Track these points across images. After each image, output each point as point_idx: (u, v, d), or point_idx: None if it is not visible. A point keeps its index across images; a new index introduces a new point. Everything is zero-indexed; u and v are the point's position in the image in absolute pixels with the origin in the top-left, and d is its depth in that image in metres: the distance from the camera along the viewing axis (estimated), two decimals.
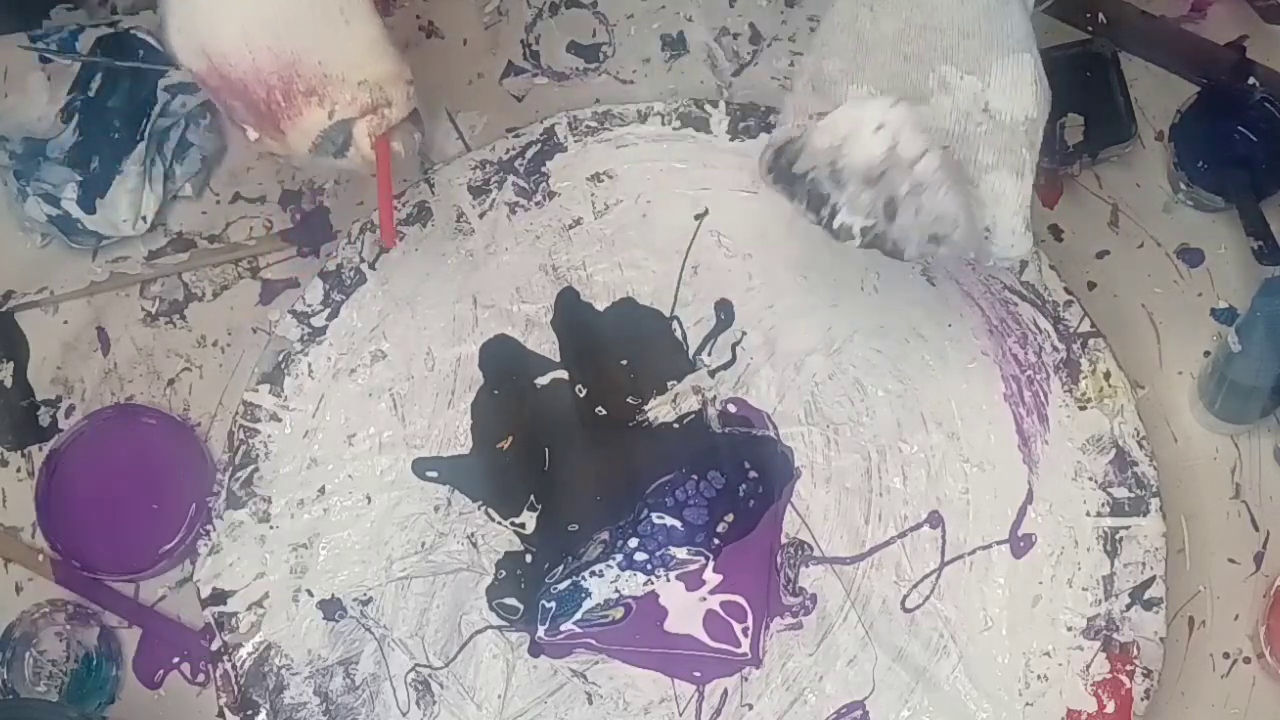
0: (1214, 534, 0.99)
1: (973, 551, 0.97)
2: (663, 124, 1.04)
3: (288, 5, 0.84)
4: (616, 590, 0.98)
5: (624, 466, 1.00)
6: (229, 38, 0.83)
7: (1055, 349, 0.99)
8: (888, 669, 0.96)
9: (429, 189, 1.05)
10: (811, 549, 0.98)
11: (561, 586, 0.99)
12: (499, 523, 1.00)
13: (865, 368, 1.00)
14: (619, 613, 0.98)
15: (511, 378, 1.02)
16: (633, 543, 0.99)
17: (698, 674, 0.97)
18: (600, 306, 1.03)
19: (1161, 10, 1.06)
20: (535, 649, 0.98)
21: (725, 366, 1.01)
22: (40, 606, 1.01)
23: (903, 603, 0.97)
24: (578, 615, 0.98)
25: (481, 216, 1.04)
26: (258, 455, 1.01)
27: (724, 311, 1.02)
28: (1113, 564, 0.96)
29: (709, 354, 1.02)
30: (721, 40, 1.09)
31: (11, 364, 1.06)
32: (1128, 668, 0.95)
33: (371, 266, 1.04)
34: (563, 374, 1.02)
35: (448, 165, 1.05)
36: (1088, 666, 0.95)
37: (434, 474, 1.01)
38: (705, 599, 0.98)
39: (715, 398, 1.01)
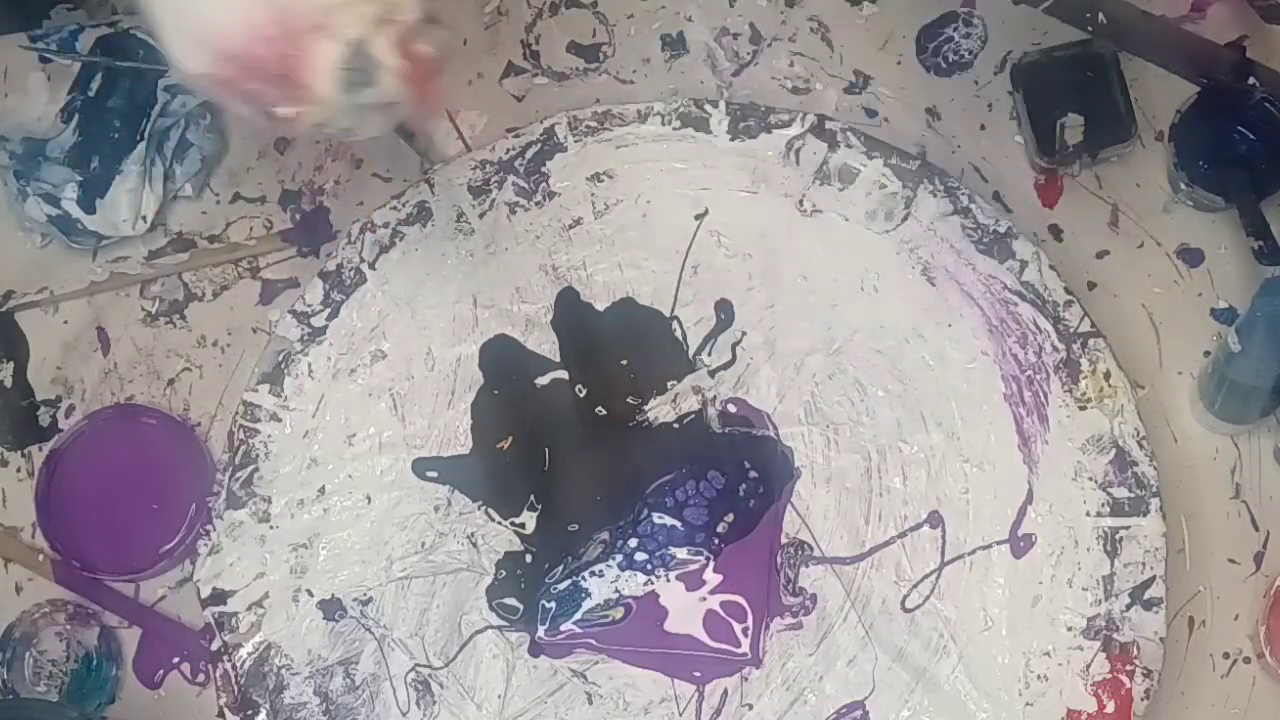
0: (1214, 534, 0.99)
1: (973, 551, 0.97)
2: (663, 124, 1.04)
3: None
4: (616, 590, 0.98)
5: (624, 466, 1.00)
6: (217, 11, 0.79)
7: (1055, 349, 0.99)
8: (888, 669, 0.96)
9: (429, 189, 1.05)
10: (811, 549, 0.98)
11: (561, 586, 0.99)
12: (499, 523, 1.00)
13: (865, 368, 1.00)
14: (619, 613, 0.98)
15: (511, 378, 1.02)
16: (633, 543, 0.99)
17: (698, 674, 0.97)
18: (600, 306, 1.03)
19: (1161, 10, 1.06)
20: (535, 649, 0.98)
21: (725, 366, 1.01)
22: (40, 606, 1.01)
23: (903, 603, 0.97)
24: (578, 615, 0.98)
25: (481, 216, 1.04)
26: (258, 455, 1.01)
27: (724, 311, 1.02)
28: (1113, 564, 0.96)
29: (709, 354, 1.02)
30: (721, 40, 1.09)
31: (11, 364, 1.06)
32: (1128, 668, 0.95)
33: (371, 266, 1.04)
34: (563, 374, 1.02)
35: (448, 165, 1.05)
36: (1088, 666, 0.95)
37: (434, 474, 1.01)
38: (705, 599, 0.98)
39: (715, 398, 1.01)
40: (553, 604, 0.98)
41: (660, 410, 1.01)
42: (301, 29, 0.80)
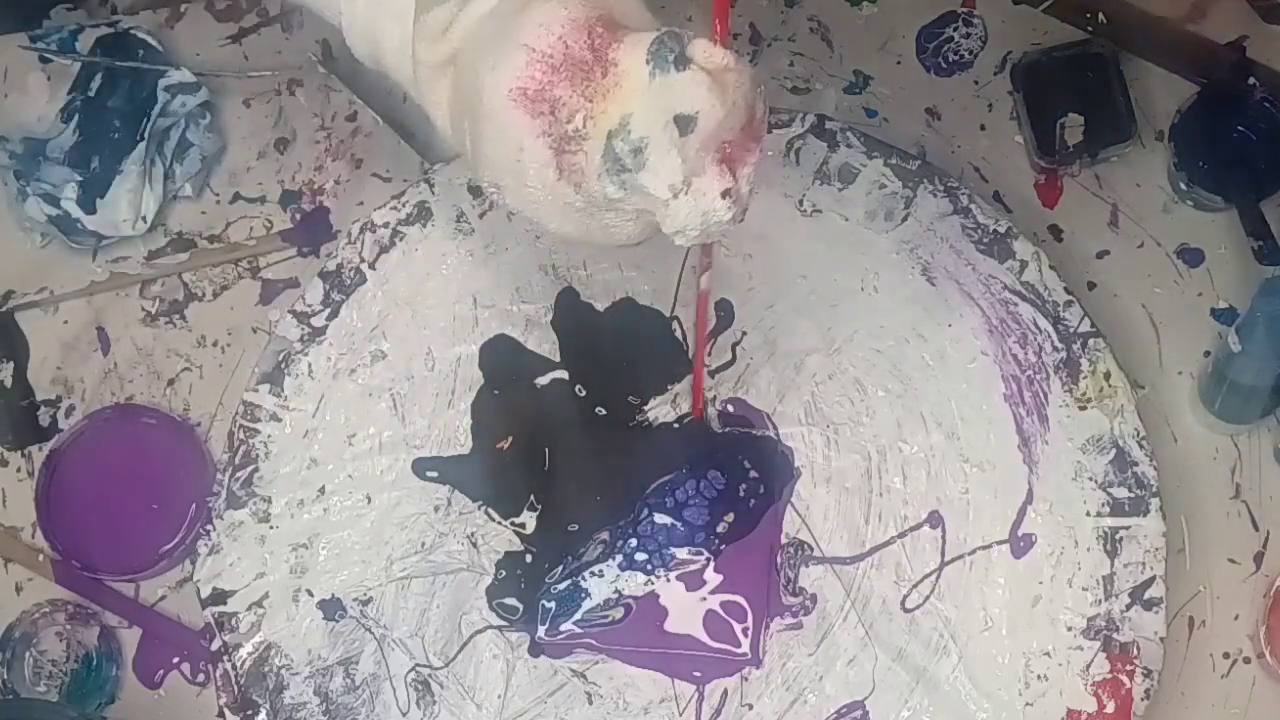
0: (1214, 534, 0.99)
1: (973, 551, 0.97)
2: None
3: None
4: (616, 590, 0.98)
5: (624, 466, 1.00)
6: (540, 11, 0.73)
7: (1055, 349, 0.99)
8: (888, 669, 0.96)
9: (429, 189, 1.05)
10: (811, 549, 0.98)
11: (561, 586, 0.99)
12: (499, 523, 1.00)
13: (865, 368, 1.00)
14: (619, 613, 0.98)
15: (511, 378, 1.02)
16: (633, 543, 0.99)
17: (698, 674, 0.97)
18: (600, 306, 1.03)
19: (1161, 10, 1.06)
20: (535, 649, 0.98)
21: (725, 366, 1.01)
22: (40, 606, 1.01)
23: (903, 603, 0.97)
24: (578, 615, 0.98)
25: (481, 216, 1.04)
26: (258, 455, 1.01)
27: (724, 311, 1.02)
28: (1113, 564, 0.96)
29: (709, 354, 1.02)
30: None
31: (11, 364, 1.06)
32: (1128, 668, 0.95)
33: (371, 266, 1.04)
34: (563, 374, 1.02)
35: (448, 165, 1.05)
36: (1088, 666, 0.95)
37: (434, 474, 1.01)
38: (705, 599, 0.98)
39: (715, 398, 1.01)
40: (553, 604, 0.98)
41: (660, 410, 1.01)
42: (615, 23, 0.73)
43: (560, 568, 0.99)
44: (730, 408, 1.01)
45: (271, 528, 1.00)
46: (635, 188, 0.72)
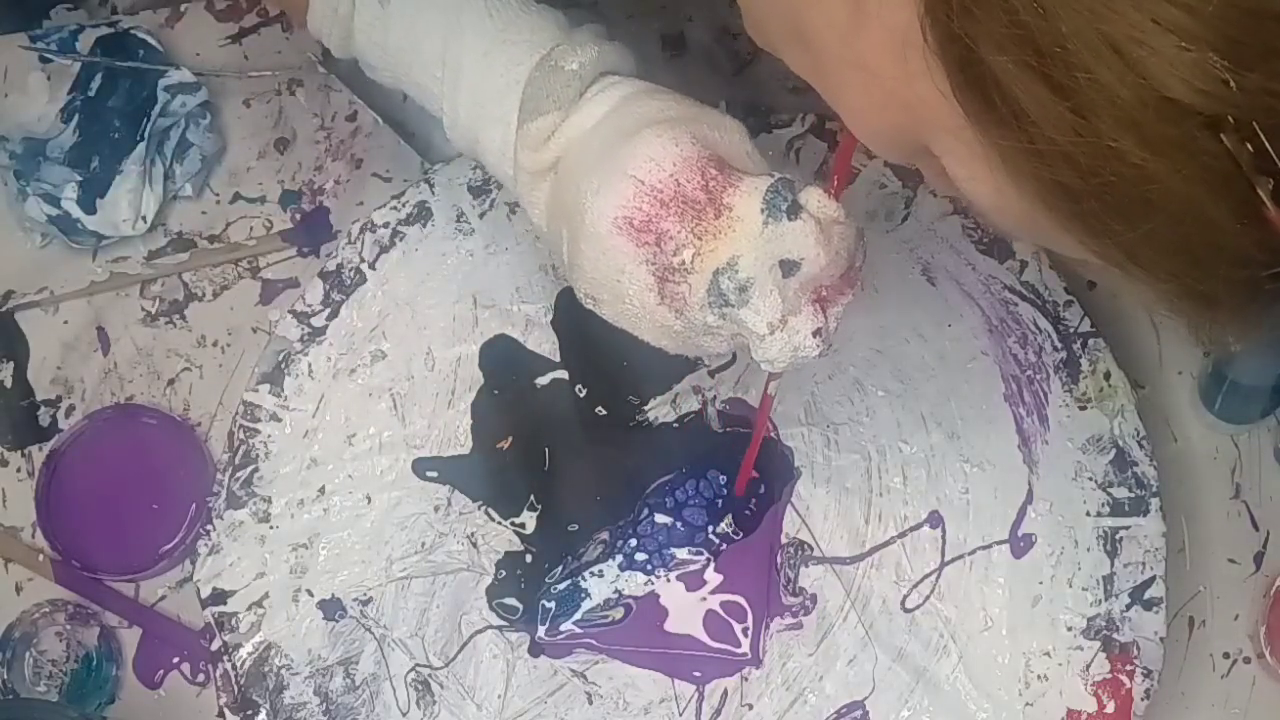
0: (1214, 534, 0.99)
1: (973, 551, 0.97)
2: None
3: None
4: (616, 590, 0.98)
5: (624, 466, 1.00)
6: (649, 147, 0.73)
7: (1055, 349, 0.99)
8: (888, 669, 0.96)
9: (429, 189, 1.05)
10: (811, 549, 0.98)
11: (561, 586, 0.99)
12: (499, 523, 1.00)
13: (865, 368, 1.00)
14: (619, 613, 0.98)
15: (511, 378, 1.02)
16: (633, 543, 0.99)
17: (698, 674, 0.97)
18: None
19: None
20: (535, 649, 0.98)
21: (725, 367, 1.01)
22: (40, 606, 1.01)
23: (903, 603, 0.97)
24: (578, 615, 0.98)
25: (481, 216, 1.04)
26: (258, 455, 1.01)
27: None
28: (1113, 564, 0.96)
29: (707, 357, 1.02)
30: (721, 40, 1.08)
31: (11, 364, 1.06)
32: (1128, 668, 0.95)
33: (371, 266, 1.04)
34: (563, 374, 1.02)
35: (448, 165, 1.05)
36: (1088, 666, 0.95)
37: (434, 474, 1.01)
38: (705, 599, 0.98)
39: (715, 398, 1.01)
40: (553, 604, 0.98)
41: (660, 410, 1.01)
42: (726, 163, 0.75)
43: (560, 568, 0.99)
44: (730, 408, 1.01)
45: (271, 528, 1.00)
46: (734, 320, 0.73)
